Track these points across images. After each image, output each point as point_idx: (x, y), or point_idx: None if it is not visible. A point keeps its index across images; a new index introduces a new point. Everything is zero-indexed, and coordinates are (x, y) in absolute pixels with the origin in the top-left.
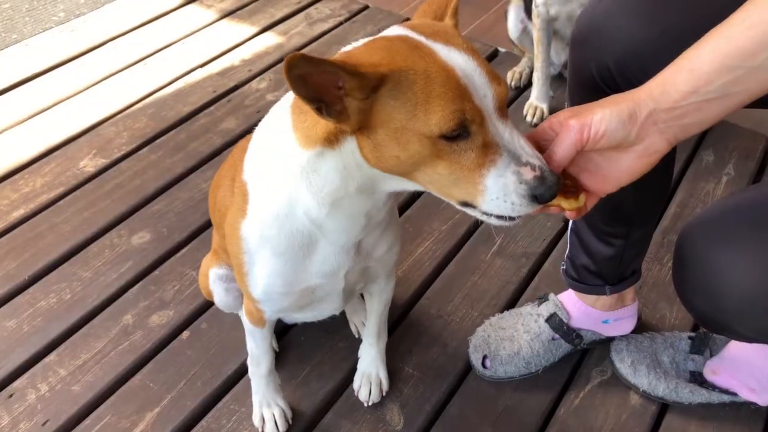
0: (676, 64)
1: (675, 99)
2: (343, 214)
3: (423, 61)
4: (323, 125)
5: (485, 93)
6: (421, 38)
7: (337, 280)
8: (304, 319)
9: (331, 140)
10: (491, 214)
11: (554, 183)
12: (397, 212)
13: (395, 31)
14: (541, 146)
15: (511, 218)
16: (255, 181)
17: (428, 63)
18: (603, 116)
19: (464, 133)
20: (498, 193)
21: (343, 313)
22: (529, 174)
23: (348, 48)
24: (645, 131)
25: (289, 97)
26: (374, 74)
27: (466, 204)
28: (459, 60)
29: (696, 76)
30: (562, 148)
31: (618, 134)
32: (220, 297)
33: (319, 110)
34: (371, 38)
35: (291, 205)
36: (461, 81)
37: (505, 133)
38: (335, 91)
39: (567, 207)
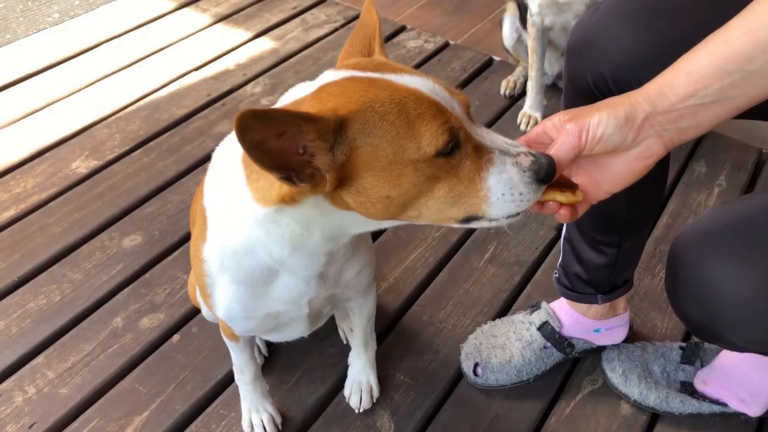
0: (673, 68)
1: (672, 102)
2: (304, 254)
3: (385, 92)
4: (279, 187)
5: (452, 105)
6: (369, 74)
7: (300, 306)
8: (272, 339)
9: (290, 200)
10: (499, 218)
11: (548, 161)
12: (370, 236)
13: (336, 75)
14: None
15: (517, 214)
16: (213, 212)
17: (391, 92)
18: (600, 119)
19: (456, 143)
20: (503, 189)
21: (332, 319)
22: (526, 161)
23: (287, 98)
24: (642, 134)
25: (237, 143)
26: (332, 117)
27: (469, 219)
28: (417, 82)
29: (694, 80)
30: (563, 151)
31: (615, 138)
32: (207, 312)
33: (289, 179)
34: (313, 89)
35: (249, 246)
36: (432, 98)
37: (485, 134)
38: (299, 157)
39: (564, 200)
